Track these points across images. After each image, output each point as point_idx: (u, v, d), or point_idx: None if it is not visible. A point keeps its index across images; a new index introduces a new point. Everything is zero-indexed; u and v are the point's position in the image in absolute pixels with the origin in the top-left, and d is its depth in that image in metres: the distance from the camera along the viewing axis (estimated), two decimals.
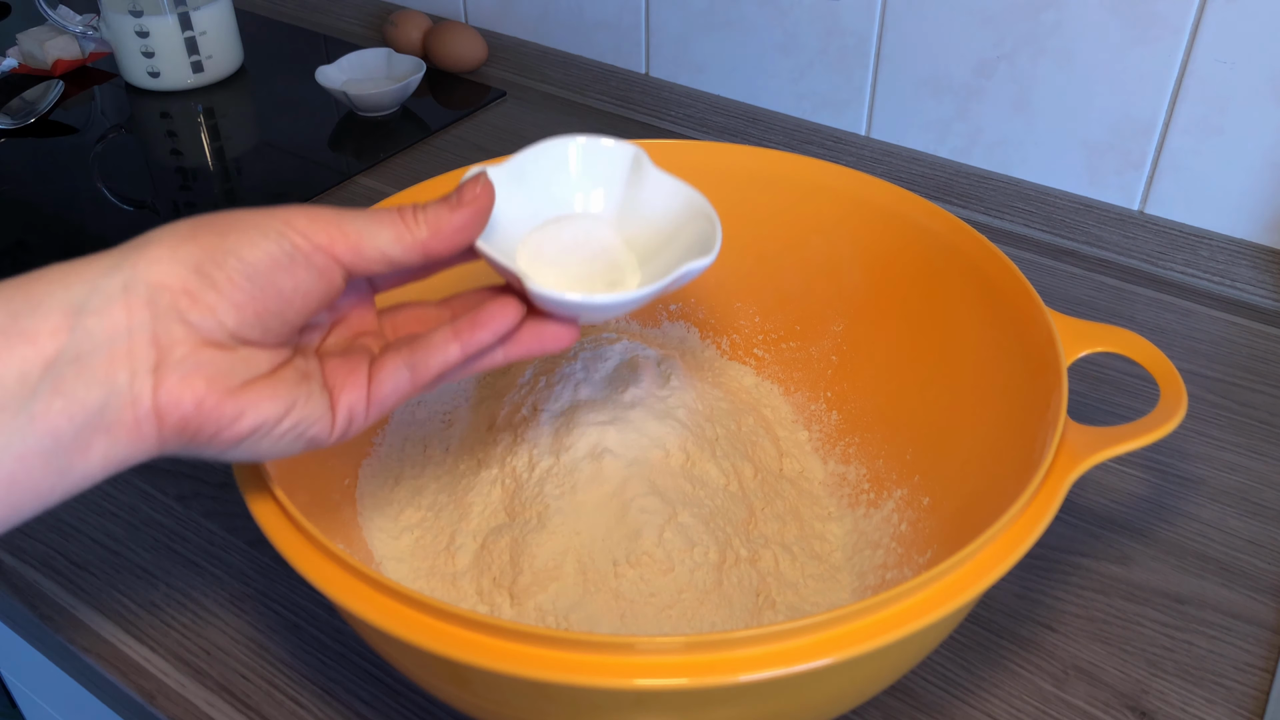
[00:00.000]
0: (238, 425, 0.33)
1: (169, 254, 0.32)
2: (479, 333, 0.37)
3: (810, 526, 0.49)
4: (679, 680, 0.31)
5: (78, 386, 0.30)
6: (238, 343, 0.33)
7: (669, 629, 0.43)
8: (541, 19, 0.98)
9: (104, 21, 0.90)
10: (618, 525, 0.44)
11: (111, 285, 0.31)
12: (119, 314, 0.31)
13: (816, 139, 0.84)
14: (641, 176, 0.42)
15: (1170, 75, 0.70)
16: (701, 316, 0.59)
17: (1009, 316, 0.46)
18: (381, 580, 0.33)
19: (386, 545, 0.47)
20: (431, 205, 0.36)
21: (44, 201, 0.78)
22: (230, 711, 0.45)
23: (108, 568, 0.51)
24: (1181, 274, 0.70)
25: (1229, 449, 0.57)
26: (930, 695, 0.45)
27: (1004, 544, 0.35)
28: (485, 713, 0.38)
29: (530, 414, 0.49)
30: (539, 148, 0.41)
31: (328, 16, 1.06)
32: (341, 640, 0.47)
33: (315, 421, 0.35)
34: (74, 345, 0.30)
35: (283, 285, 0.33)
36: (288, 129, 0.87)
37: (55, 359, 0.30)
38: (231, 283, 0.32)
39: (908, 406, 0.51)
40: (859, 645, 0.32)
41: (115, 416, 0.31)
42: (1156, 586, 0.50)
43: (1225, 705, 0.45)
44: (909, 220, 0.51)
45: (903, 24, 0.78)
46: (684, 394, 0.50)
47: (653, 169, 0.42)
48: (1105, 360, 0.62)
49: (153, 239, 0.33)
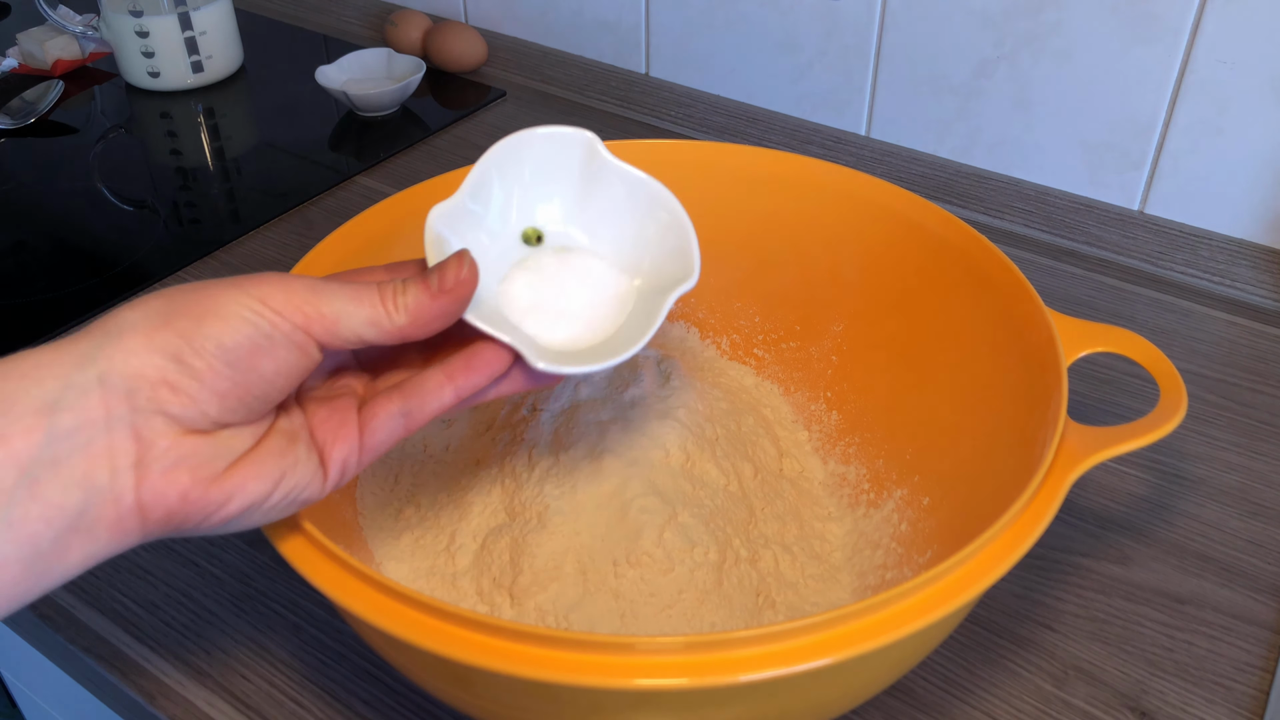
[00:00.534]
0: (225, 509, 0.32)
1: (144, 343, 0.31)
2: (473, 377, 0.36)
3: (810, 526, 0.49)
4: (679, 680, 0.31)
5: (55, 490, 0.29)
6: (219, 427, 0.32)
7: (669, 629, 0.43)
8: (541, 19, 0.98)
9: (104, 21, 0.90)
10: (618, 525, 0.44)
11: (86, 379, 0.30)
12: (96, 409, 0.30)
13: (816, 139, 0.84)
14: (597, 167, 0.41)
15: (1170, 75, 0.70)
16: (701, 316, 0.59)
17: (1009, 316, 0.46)
18: (381, 580, 0.33)
19: (386, 545, 0.47)
20: (412, 289, 0.34)
21: (44, 201, 0.78)
22: (230, 711, 0.45)
23: (108, 568, 0.51)
24: (1181, 274, 0.70)
25: (1229, 449, 0.57)
26: (930, 695, 0.45)
27: (1004, 544, 0.35)
28: (485, 713, 0.38)
29: (530, 414, 0.49)
30: (488, 159, 0.40)
31: (328, 16, 1.06)
32: (341, 640, 0.47)
33: (306, 486, 0.34)
34: (50, 446, 0.29)
35: (264, 368, 0.32)
36: (288, 129, 0.87)
37: (30, 462, 0.29)
38: (212, 370, 0.31)
39: (908, 406, 0.51)
40: (859, 645, 0.32)
41: (96, 515, 0.30)
42: (1156, 586, 0.50)
43: (1225, 705, 0.45)
44: (909, 220, 0.51)
45: (903, 24, 0.78)
46: (684, 394, 0.50)
47: (607, 156, 0.41)
48: (1105, 360, 0.62)
49: (125, 325, 0.31)
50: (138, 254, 0.71)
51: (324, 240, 0.49)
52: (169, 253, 0.71)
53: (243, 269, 0.70)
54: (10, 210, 0.77)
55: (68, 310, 0.66)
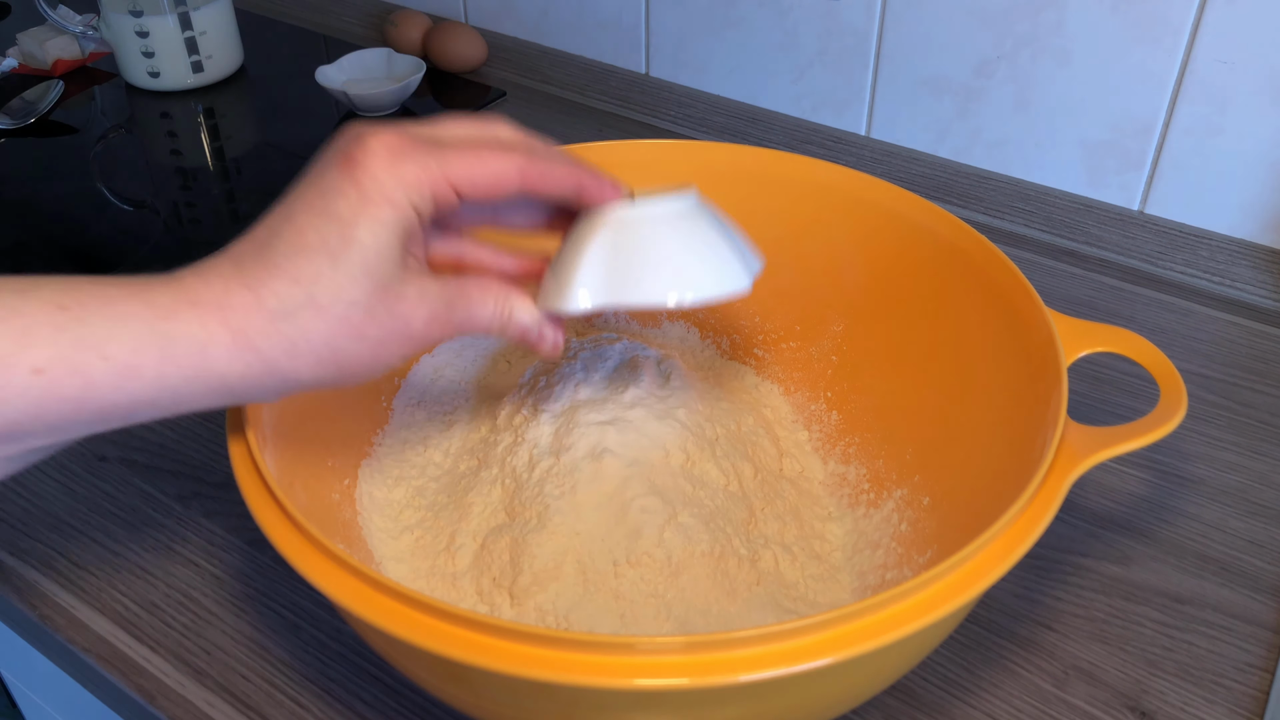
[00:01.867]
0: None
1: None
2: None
3: (810, 526, 0.49)
4: (679, 680, 0.31)
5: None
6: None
7: (669, 629, 0.43)
8: (541, 19, 0.98)
9: (104, 21, 0.90)
10: (618, 525, 0.44)
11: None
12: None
13: (816, 139, 0.84)
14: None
15: (1170, 75, 0.70)
16: (701, 316, 0.59)
17: (1009, 316, 0.46)
18: (381, 580, 0.33)
19: (386, 545, 0.47)
20: (533, 320, 0.40)
21: (44, 201, 0.78)
22: (230, 711, 0.45)
23: (108, 568, 0.51)
24: (1181, 274, 0.70)
25: (1229, 449, 0.57)
26: (930, 695, 0.45)
27: (1004, 544, 0.35)
28: (485, 713, 0.38)
29: (530, 414, 0.49)
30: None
31: (328, 16, 1.06)
32: (341, 640, 0.47)
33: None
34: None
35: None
36: (288, 129, 0.87)
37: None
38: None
39: (908, 406, 0.51)
40: (859, 645, 0.32)
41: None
42: (1156, 586, 0.50)
43: (1225, 705, 0.45)
44: (909, 220, 0.51)
45: (903, 24, 0.78)
46: (684, 394, 0.50)
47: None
48: (1105, 360, 0.62)
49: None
50: (138, 254, 0.71)
51: None
52: (169, 253, 0.71)
53: None
54: (10, 210, 0.77)
55: None
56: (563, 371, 0.51)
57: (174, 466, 0.56)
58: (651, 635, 0.39)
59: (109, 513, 0.54)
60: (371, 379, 0.37)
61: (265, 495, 0.37)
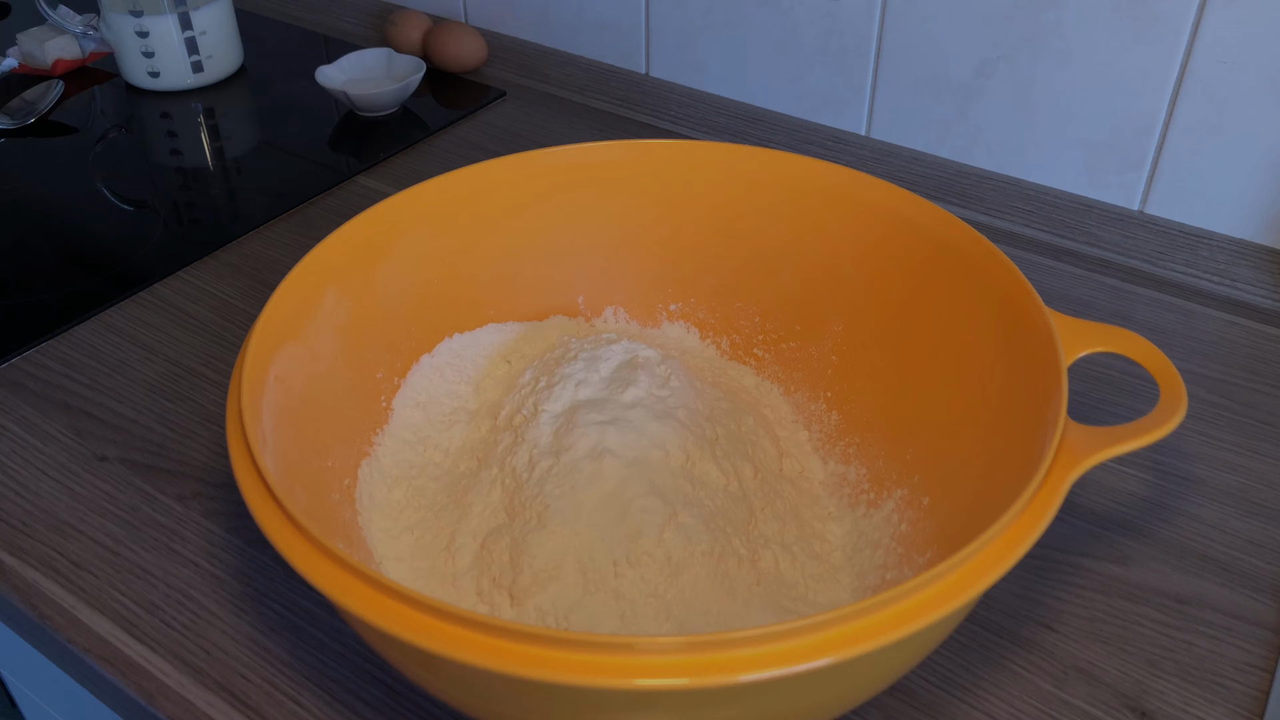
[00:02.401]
0: None
1: None
2: None
3: (810, 526, 0.49)
4: (679, 680, 0.31)
5: None
6: None
7: (669, 629, 0.43)
8: (541, 19, 0.98)
9: (104, 21, 0.90)
10: (618, 525, 0.44)
11: None
12: None
13: (816, 139, 0.84)
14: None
15: (1170, 75, 0.70)
16: (701, 316, 0.59)
17: (1009, 316, 0.46)
18: (381, 580, 0.33)
19: (386, 545, 0.47)
20: None
21: (44, 201, 0.78)
22: (230, 711, 0.45)
23: (108, 568, 0.51)
24: (1181, 274, 0.70)
25: (1229, 449, 0.57)
26: (930, 695, 0.45)
27: (1004, 544, 0.35)
28: (485, 713, 0.38)
29: (530, 414, 0.49)
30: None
31: (328, 16, 1.06)
32: (341, 640, 0.47)
33: None
34: None
35: None
36: (288, 129, 0.87)
37: None
38: None
39: (908, 406, 0.51)
40: (859, 645, 0.32)
41: None
42: (1156, 586, 0.50)
43: (1225, 705, 0.45)
44: (909, 220, 0.51)
45: (903, 24, 0.78)
46: (684, 394, 0.50)
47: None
48: (1105, 360, 0.62)
49: None
50: (138, 254, 0.71)
51: (324, 240, 0.49)
52: (169, 253, 0.71)
53: (243, 269, 0.70)
54: (10, 210, 0.77)
55: (68, 310, 0.66)
56: (562, 371, 0.51)
57: (174, 466, 0.56)
58: (651, 635, 0.39)
59: (109, 513, 0.54)
60: None
61: (265, 495, 0.37)
